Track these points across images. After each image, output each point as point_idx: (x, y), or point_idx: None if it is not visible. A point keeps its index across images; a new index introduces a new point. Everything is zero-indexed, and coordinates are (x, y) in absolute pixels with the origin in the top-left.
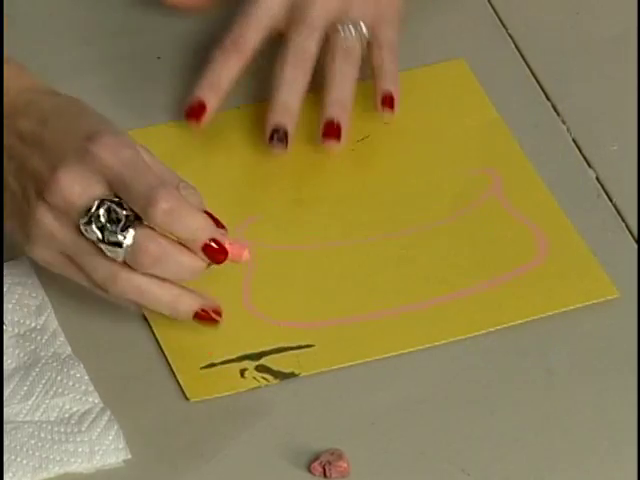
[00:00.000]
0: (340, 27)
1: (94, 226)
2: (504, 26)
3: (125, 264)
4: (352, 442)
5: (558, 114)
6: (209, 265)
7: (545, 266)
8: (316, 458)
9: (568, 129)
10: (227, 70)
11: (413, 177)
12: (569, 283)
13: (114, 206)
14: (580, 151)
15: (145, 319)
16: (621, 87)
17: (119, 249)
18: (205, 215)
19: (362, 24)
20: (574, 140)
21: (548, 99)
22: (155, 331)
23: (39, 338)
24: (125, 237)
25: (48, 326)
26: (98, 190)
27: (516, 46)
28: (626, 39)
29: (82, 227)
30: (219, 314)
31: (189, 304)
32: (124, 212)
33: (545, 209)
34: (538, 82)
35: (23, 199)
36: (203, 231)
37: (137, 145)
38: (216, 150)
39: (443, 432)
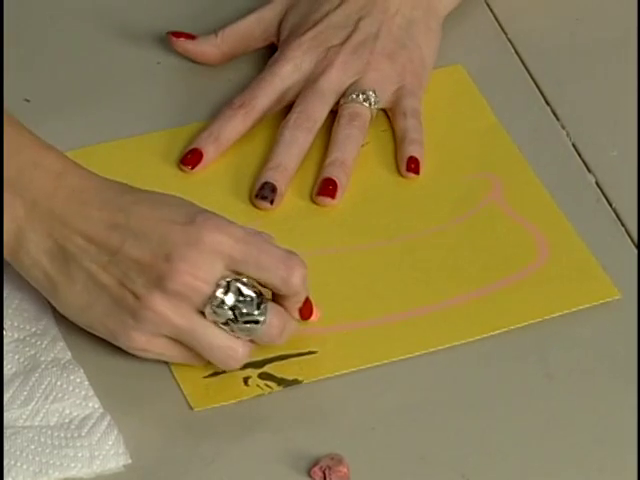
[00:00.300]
0: (351, 93)
1: (226, 308)
2: (504, 31)
3: (240, 338)
4: (352, 447)
5: (557, 119)
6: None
7: (546, 268)
8: (316, 463)
9: (568, 134)
10: (231, 126)
11: (413, 183)
12: (570, 285)
13: (241, 286)
14: (580, 156)
15: None
16: (621, 92)
17: (256, 326)
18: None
19: (372, 92)
20: (574, 145)
21: (547, 104)
22: None
23: (39, 343)
24: (263, 314)
25: (48, 331)
26: (219, 272)
27: (516, 51)
28: (625, 44)
29: (209, 310)
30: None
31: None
32: (252, 290)
33: (545, 212)
34: (537, 87)
35: (123, 290)
36: (307, 291)
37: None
38: (220, 156)
39: (443, 437)
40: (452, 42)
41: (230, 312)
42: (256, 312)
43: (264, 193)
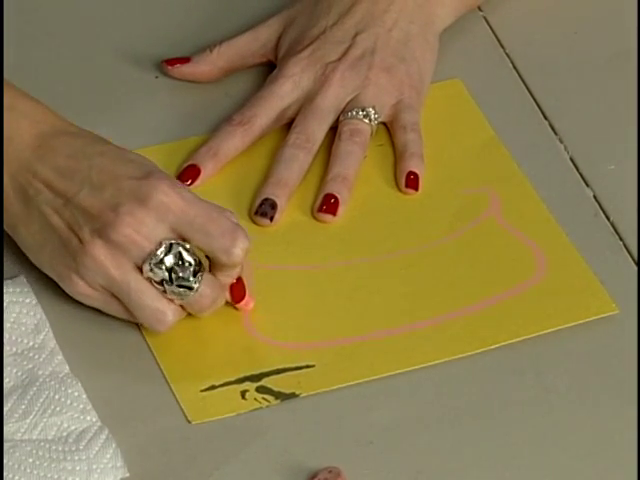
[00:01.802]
0: (350, 110)
1: (163, 268)
2: (501, 45)
3: (172, 301)
4: (350, 461)
5: (555, 133)
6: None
7: (544, 283)
8: (314, 476)
9: (565, 148)
10: (230, 143)
11: (411, 197)
12: (568, 300)
13: (183, 250)
14: (577, 170)
15: (145, 339)
16: (619, 106)
17: (189, 292)
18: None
19: (372, 109)
20: (571, 159)
21: (545, 118)
22: (155, 355)
23: (37, 357)
24: (197, 282)
25: (46, 345)
26: (163, 233)
27: (513, 65)
28: (623, 59)
29: (147, 267)
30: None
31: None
32: (192, 257)
33: (543, 226)
34: (535, 101)
35: (70, 233)
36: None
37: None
38: (218, 172)
39: (440, 452)
40: (450, 56)
41: (166, 273)
42: (192, 279)
43: (264, 210)
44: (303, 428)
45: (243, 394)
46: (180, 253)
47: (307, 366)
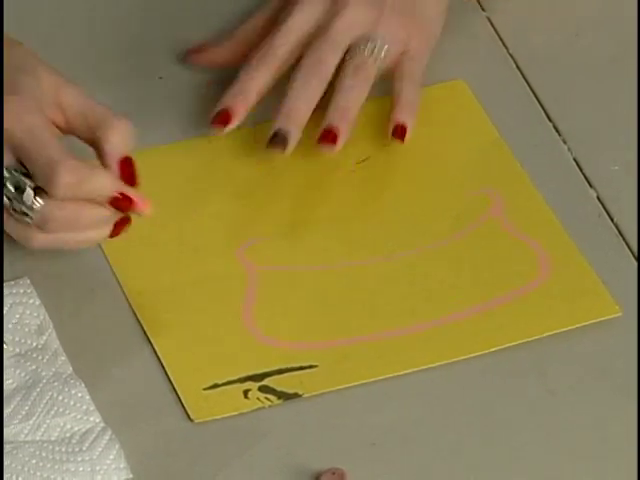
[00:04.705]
0: (357, 45)
1: (4, 194)
2: (505, 46)
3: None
4: (353, 462)
5: (559, 134)
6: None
7: (547, 285)
8: (317, 477)
9: (569, 149)
10: (256, 80)
11: (414, 198)
12: (572, 302)
13: (19, 176)
14: (581, 171)
15: (148, 339)
16: (622, 107)
17: (27, 218)
18: (105, 172)
19: (380, 46)
20: (575, 160)
21: (549, 119)
22: (158, 352)
23: (40, 358)
24: (31, 209)
25: (49, 346)
26: (8, 159)
27: (517, 66)
28: (626, 59)
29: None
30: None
31: (108, 228)
32: (29, 183)
33: (547, 228)
34: (539, 102)
35: None
36: (108, 188)
37: (54, 104)
38: (216, 171)
39: (444, 452)
40: (453, 57)
41: (7, 199)
42: (25, 205)
43: (276, 142)
44: (307, 429)
45: (246, 393)
46: (17, 179)
47: (310, 366)
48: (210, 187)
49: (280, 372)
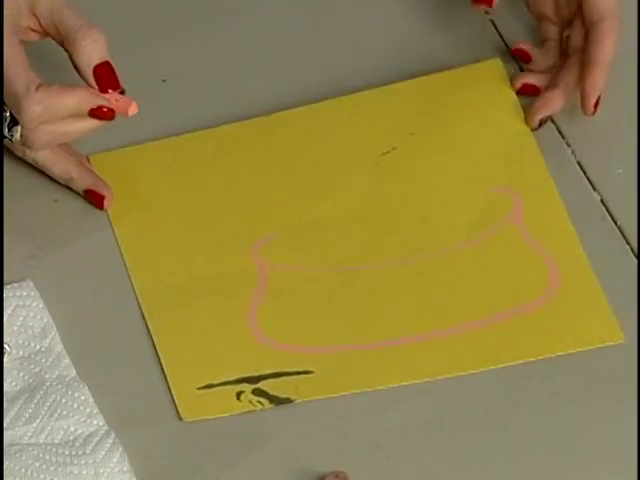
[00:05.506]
0: None
1: None
2: (508, 49)
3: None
4: (356, 466)
5: (563, 137)
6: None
7: (554, 303)
8: None
9: (573, 152)
10: None
11: (436, 194)
12: (577, 324)
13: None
14: (585, 174)
15: (151, 342)
16: (626, 110)
17: (11, 143)
18: (74, 91)
19: None
20: (579, 163)
21: (553, 122)
22: (158, 349)
23: (44, 360)
24: (12, 135)
25: (53, 348)
26: None
27: (521, 69)
28: (630, 62)
29: None
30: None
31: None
32: (7, 113)
33: (562, 238)
34: None
35: None
36: (82, 105)
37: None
38: (231, 166)
39: (447, 456)
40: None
41: None
42: (7, 132)
43: None
44: (309, 432)
45: (238, 395)
46: None
47: (306, 372)
48: (223, 183)
49: (276, 376)
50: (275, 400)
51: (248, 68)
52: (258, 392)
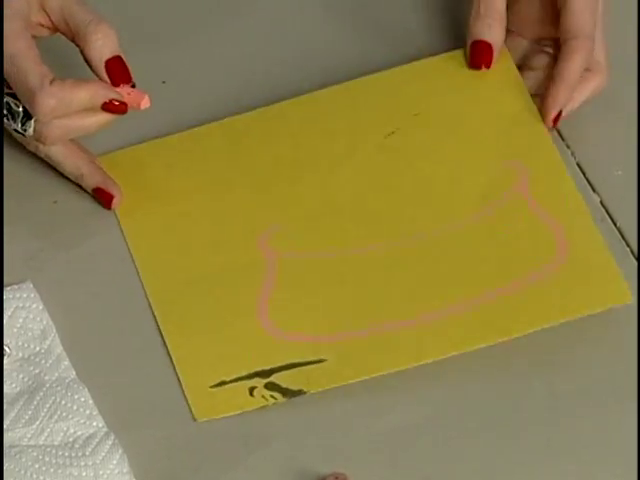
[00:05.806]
0: None
1: (5, 113)
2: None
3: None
4: (357, 466)
5: (562, 138)
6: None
7: (563, 270)
8: None
9: (572, 153)
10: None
11: (440, 172)
12: (585, 289)
13: (10, 100)
14: (584, 175)
15: (151, 343)
16: (626, 112)
17: (24, 137)
18: (88, 85)
19: None
20: (578, 164)
21: None
22: (170, 349)
23: (43, 362)
24: (26, 130)
25: (52, 350)
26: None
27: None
28: (630, 63)
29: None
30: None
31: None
32: (20, 107)
33: (569, 205)
34: None
35: None
36: (95, 98)
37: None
38: (236, 157)
39: (448, 456)
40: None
41: (7, 121)
42: (20, 127)
43: None
44: (310, 433)
45: (251, 391)
46: (8, 103)
47: (318, 361)
48: (229, 174)
49: (288, 367)
50: (288, 393)
51: (248, 68)
52: (271, 386)
